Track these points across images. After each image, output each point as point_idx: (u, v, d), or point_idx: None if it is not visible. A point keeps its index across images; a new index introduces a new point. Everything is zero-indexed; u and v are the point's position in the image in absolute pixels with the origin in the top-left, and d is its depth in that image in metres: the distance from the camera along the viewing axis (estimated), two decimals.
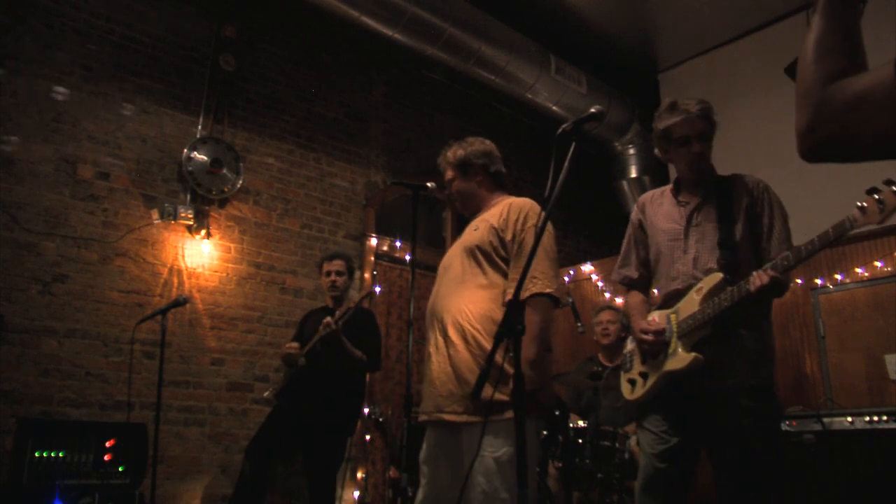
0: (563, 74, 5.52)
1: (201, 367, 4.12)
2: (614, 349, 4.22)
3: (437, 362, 2.20)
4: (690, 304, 2.21)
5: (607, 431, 3.55)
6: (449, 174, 2.45)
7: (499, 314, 2.12)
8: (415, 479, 2.33)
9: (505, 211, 2.28)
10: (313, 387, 3.59)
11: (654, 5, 5.41)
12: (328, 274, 3.86)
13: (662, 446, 2.20)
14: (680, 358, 2.17)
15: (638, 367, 2.35)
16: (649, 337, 2.25)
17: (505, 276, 2.23)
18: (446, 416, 2.13)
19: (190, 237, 4.23)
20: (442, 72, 5.58)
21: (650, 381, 2.26)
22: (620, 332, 4.22)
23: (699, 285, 2.21)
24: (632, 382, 2.36)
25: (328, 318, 3.52)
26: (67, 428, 3.29)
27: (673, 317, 2.26)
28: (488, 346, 2.08)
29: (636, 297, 2.49)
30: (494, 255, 2.24)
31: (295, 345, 3.70)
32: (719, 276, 2.16)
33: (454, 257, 2.33)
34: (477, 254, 2.25)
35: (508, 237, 2.23)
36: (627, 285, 2.52)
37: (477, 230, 2.32)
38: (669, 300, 2.30)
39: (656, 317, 2.32)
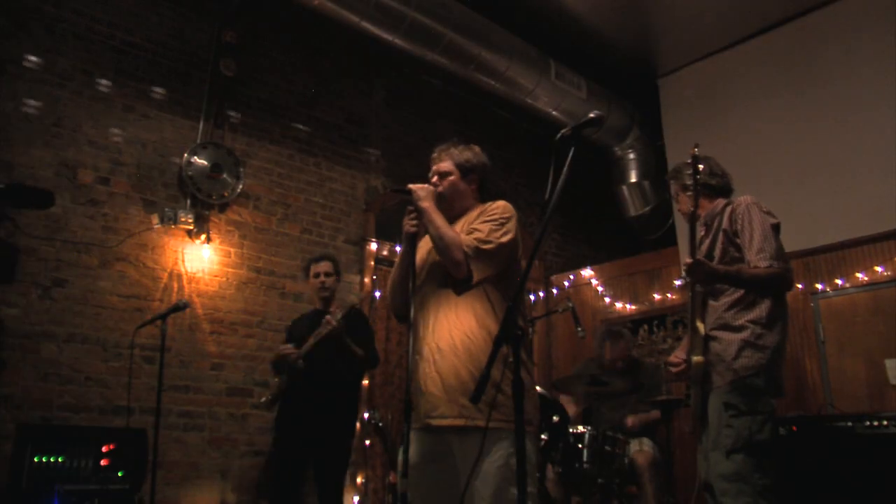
0: (562, 79, 5.53)
1: (201, 372, 4.12)
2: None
3: (423, 368, 2.16)
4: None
5: (608, 436, 3.55)
6: (447, 167, 2.41)
7: (486, 319, 2.11)
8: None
9: (482, 210, 2.27)
10: (315, 392, 3.52)
11: (654, 10, 5.41)
12: (317, 276, 3.81)
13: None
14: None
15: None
16: (675, 369, 2.72)
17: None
18: (434, 422, 2.08)
19: (190, 242, 4.23)
20: (442, 77, 5.59)
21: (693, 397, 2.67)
22: (628, 350, 4.28)
23: None
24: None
25: (328, 317, 3.46)
26: (67, 433, 3.29)
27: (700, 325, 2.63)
28: (475, 349, 2.07)
29: None
30: None
31: (290, 346, 3.57)
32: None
33: (435, 262, 2.24)
34: None
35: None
36: None
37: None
38: None
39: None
